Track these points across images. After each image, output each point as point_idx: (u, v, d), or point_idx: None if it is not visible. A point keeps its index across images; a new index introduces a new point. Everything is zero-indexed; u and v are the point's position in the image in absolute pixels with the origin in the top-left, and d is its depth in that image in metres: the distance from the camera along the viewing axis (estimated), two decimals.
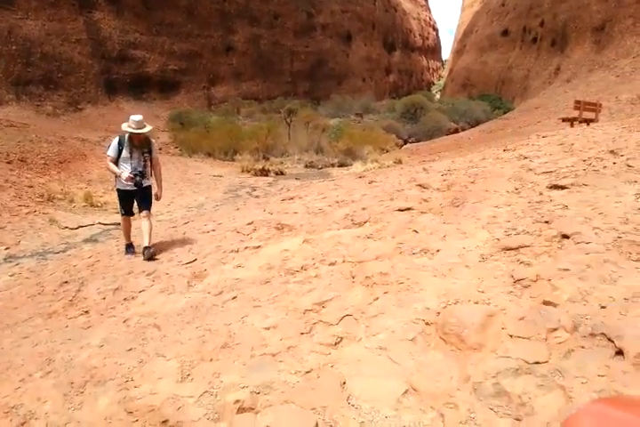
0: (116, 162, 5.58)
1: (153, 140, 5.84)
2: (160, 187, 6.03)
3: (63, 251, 8.82)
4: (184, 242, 6.20)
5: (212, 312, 3.60)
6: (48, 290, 5.37)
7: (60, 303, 4.75)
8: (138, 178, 5.56)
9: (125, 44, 35.49)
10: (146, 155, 5.68)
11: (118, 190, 5.84)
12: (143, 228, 5.74)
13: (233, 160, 23.22)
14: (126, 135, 5.55)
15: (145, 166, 5.69)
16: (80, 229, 10.65)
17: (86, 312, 4.35)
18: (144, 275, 4.95)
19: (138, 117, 5.48)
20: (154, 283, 4.66)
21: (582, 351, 2.17)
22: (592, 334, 2.22)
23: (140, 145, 5.61)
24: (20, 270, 7.31)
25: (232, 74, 44.70)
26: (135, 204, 5.95)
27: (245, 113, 39.83)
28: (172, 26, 39.39)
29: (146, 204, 5.87)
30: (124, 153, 5.53)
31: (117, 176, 5.60)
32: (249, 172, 19.92)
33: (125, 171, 5.51)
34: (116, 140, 5.56)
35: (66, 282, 5.48)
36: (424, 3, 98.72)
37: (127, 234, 6.16)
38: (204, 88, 41.81)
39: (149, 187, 5.91)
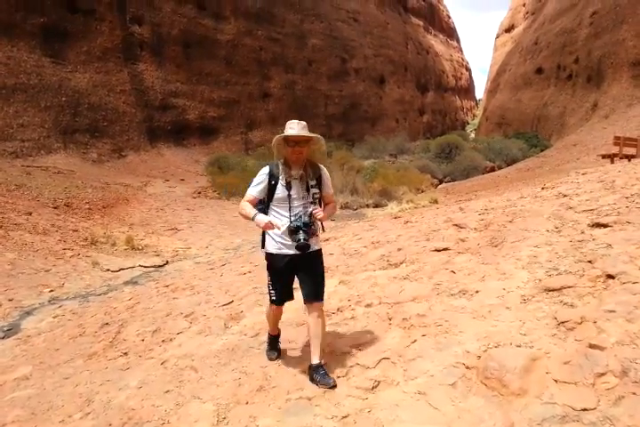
0: (261, 207, 3.35)
1: (323, 166, 3.45)
2: (326, 213, 3.34)
3: (105, 293, 9.00)
4: (221, 283, 6.26)
5: (249, 354, 3.59)
6: (89, 332, 5.46)
7: (101, 345, 4.82)
8: (302, 235, 3.06)
9: (167, 93, 37.16)
10: (314, 191, 3.30)
11: (269, 256, 3.33)
12: (311, 331, 3.17)
13: None
14: (280, 162, 3.31)
15: (313, 214, 3.20)
16: (121, 271, 10.89)
17: (125, 354, 4.39)
18: (182, 317, 5.00)
19: (297, 121, 3.29)
20: (191, 325, 4.69)
21: (634, 398, 2.06)
22: None
23: (301, 172, 3.27)
24: (62, 312, 7.49)
25: (268, 119, 46.01)
26: (291, 282, 3.37)
27: None
28: (211, 75, 41.16)
29: (314, 285, 3.25)
30: (279, 190, 3.26)
31: (266, 231, 3.24)
32: None
33: (279, 220, 3.20)
34: (264, 170, 3.34)
35: (106, 324, 5.57)
36: (456, 44, 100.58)
37: (274, 319, 3.54)
38: (241, 133, 43.06)
39: (320, 253, 3.36)
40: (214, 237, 15.06)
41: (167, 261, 11.82)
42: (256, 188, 3.35)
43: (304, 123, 3.25)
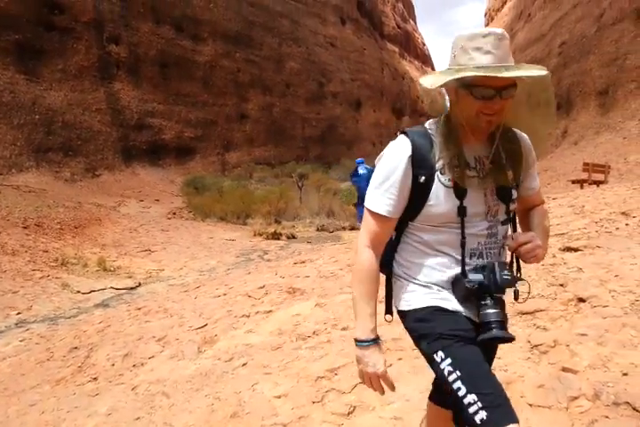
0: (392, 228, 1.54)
1: (522, 133, 1.53)
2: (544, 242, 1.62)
3: (74, 316, 8.76)
4: (195, 306, 6.16)
5: (222, 380, 3.52)
6: (57, 356, 5.30)
7: (69, 370, 4.68)
8: (491, 308, 1.41)
9: (143, 113, 37.03)
10: (511, 194, 1.47)
11: (423, 315, 1.52)
12: None
13: (245, 224, 23.44)
14: (438, 127, 1.45)
15: (521, 253, 1.53)
16: (92, 293, 10.63)
17: (95, 379, 4.27)
18: (154, 340, 4.89)
19: (494, 33, 1.28)
20: (164, 349, 4.59)
21: (606, 422, 2.08)
22: (615, 403, 2.14)
23: (489, 155, 1.44)
24: (30, 336, 7.25)
25: (245, 140, 46.13)
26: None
27: (258, 177, 40.67)
28: (189, 95, 41.23)
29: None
30: (436, 198, 1.40)
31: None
32: (261, 235, 20.01)
33: (432, 268, 1.52)
34: (401, 148, 1.43)
35: (75, 348, 5.42)
36: (431, 71, 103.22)
37: None
38: (218, 154, 43.03)
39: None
40: (189, 258, 14.85)
41: (140, 283, 11.58)
42: (387, 192, 1.45)
43: (506, 38, 1.33)
